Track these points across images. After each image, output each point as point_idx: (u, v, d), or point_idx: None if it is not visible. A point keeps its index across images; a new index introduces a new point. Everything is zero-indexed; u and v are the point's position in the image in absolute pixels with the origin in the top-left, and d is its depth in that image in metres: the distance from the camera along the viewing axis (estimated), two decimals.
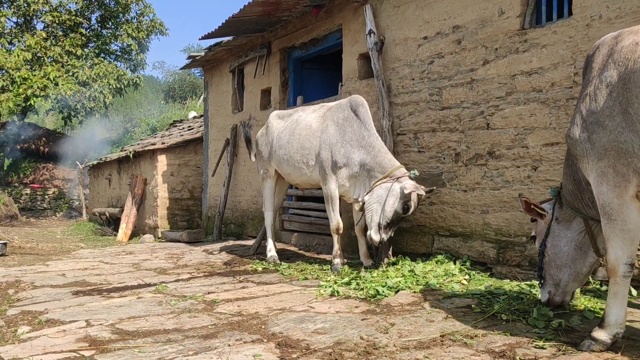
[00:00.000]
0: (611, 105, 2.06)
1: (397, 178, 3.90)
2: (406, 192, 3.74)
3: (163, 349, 2.35)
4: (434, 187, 4.10)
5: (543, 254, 2.55)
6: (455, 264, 3.92)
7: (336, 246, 4.31)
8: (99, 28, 18.83)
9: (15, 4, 16.90)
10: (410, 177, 3.92)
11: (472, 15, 4.08)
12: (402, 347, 2.29)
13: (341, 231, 4.36)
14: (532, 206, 2.56)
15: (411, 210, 3.82)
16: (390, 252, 4.38)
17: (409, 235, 4.59)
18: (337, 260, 4.26)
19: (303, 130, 4.52)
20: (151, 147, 9.09)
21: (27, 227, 12.79)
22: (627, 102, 2.00)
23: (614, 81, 2.06)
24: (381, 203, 3.84)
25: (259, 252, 5.54)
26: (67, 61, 16.53)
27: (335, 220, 4.33)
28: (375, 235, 3.83)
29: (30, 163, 19.20)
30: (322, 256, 5.16)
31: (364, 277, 3.74)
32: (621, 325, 2.13)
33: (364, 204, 4.01)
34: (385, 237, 3.85)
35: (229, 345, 2.38)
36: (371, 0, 4.98)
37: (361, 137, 4.14)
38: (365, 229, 4.17)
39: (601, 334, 2.14)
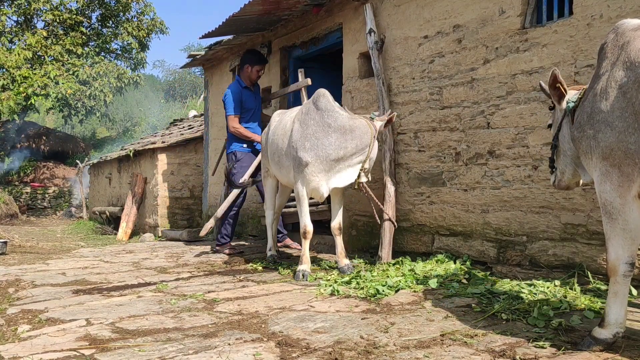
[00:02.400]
0: (624, 106, 2.01)
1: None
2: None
3: (163, 348, 2.35)
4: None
5: (555, 146, 2.55)
6: (455, 263, 3.92)
7: (303, 251, 4.12)
8: (100, 27, 18.83)
9: (15, 2, 16.90)
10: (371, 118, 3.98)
11: (472, 15, 4.07)
12: (402, 347, 2.29)
13: (309, 235, 4.11)
14: (557, 84, 2.38)
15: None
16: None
17: (409, 235, 4.59)
18: (302, 267, 4.03)
19: (280, 130, 4.46)
20: (151, 146, 9.09)
21: (27, 225, 12.80)
22: None
23: (630, 82, 2.00)
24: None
25: (259, 251, 5.54)
26: (68, 60, 16.54)
27: (304, 223, 4.09)
28: None
29: (31, 162, 19.22)
30: (322, 255, 5.16)
31: (364, 276, 3.74)
32: (621, 324, 2.12)
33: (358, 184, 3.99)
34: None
35: (229, 344, 2.38)
36: None
37: (326, 125, 3.92)
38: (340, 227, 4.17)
39: (601, 334, 2.14)
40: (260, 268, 4.58)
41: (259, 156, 5.31)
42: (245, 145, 5.55)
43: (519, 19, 3.76)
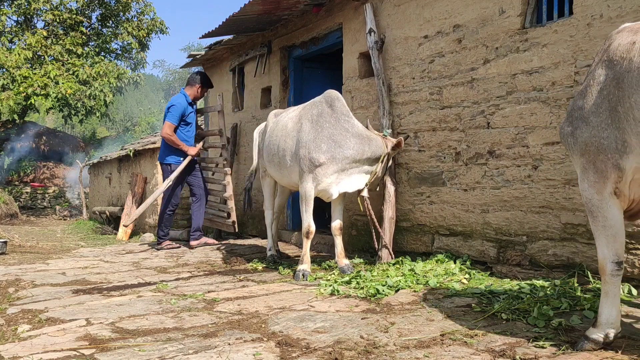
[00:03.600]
0: (599, 102, 2.06)
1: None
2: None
3: (163, 348, 2.35)
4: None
5: None
6: (455, 263, 3.92)
7: (304, 251, 4.12)
8: (100, 27, 18.84)
9: (15, 2, 16.91)
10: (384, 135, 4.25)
11: (472, 14, 4.07)
12: (402, 346, 2.29)
13: (311, 235, 4.13)
14: None
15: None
16: (391, 250, 4.38)
17: (409, 235, 4.59)
18: (303, 267, 4.04)
19: (280, 131, 4.46)
20: (151, 146, 9.08)
21: (27, 225, 12.79)
22: (617, 101, 1.99)
23: (607, 79, 2.05)
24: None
25: (259, 250, 5.54)
26: (68, 60, 16.53)
27: (307, 222, 4.11)
28: None
29: (31, 162, 19.23)
30: (322, 255, 5.16)
31: (364, 276, 3.74)
32: (613, 324, 2.12)
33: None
34: None
35: (229, 344, 2.38)
36: None
37: (344, 129, 4.03)
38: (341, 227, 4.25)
39: (593, 333, 2.15)
40: (260, 268, 4.58)
41: (185, 161, 5.97)
42: (181, 159, 6.02)
43: (519, 18, 3.76)
